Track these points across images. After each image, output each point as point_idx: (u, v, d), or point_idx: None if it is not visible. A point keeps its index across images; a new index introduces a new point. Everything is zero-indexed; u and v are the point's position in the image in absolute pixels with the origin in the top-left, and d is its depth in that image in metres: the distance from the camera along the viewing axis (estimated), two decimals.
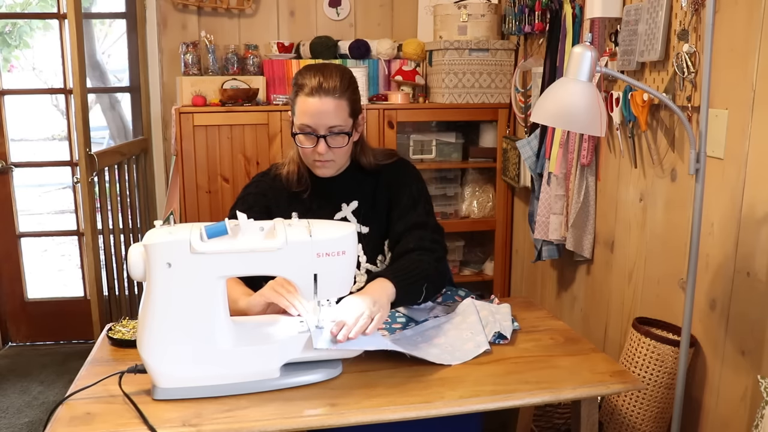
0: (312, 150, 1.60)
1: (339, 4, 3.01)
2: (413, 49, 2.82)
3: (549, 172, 2.21)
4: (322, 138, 1.57)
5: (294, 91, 1.60)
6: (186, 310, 1.19)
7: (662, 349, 1.65)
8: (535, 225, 2.31)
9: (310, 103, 1.55)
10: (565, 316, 2.38)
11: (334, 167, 1.65)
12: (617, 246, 2.02)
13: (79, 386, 1.24)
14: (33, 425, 2.48)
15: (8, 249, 3.12)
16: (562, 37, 2.13)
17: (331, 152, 1.60)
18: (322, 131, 1.57)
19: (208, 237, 1.18)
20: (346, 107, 1.58)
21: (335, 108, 1.55)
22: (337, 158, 1.63)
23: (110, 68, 5.08)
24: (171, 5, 2.90)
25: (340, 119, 1.57)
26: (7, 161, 3.02)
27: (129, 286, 2.89)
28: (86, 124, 2.45)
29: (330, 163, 1.63)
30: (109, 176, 2.67)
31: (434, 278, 1.60)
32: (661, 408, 1.68)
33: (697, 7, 1.57)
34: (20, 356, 3.09)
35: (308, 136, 1.58)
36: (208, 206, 2.63)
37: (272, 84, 2.78)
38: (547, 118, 1.36)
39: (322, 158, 1.60)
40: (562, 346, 1.44)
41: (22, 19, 6.39)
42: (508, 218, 2.88)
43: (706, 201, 1.58)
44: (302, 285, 1.26)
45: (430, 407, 1.19)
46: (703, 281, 1.63)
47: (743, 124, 1.47)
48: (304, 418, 1.15)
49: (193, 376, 1.21)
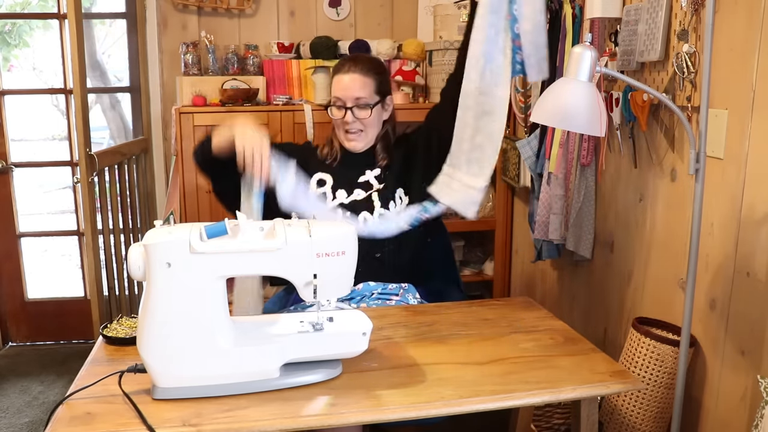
0: (341, 120, 1.82)
1: (339, 4, 3.01)
2: (413, 49, 2.82)
3: (549, 172, 2.21)
4: (349, 109, 1.80)
5: (332, 74, 1.88)
6: (186, 310, 1.19)
7: (662, 349, 1.65)
8: (535, 225, 2.31)
9: (341, 79, 1.82)
10: (565, 316, 2.38)
11: (363, 140, 1.85)
12: (617, 246, 2.02)
13: (79, 386, 1.24)
14: (33, 425, 2.48)
15: (8, 249, 3.13)
16: (562, 37, 2.13)
17: (358, 123, 1.82)
18: (349, 103, 1.81)
19: (208, 237, 1.18)
20: (372, 84, 1.83)
21: (362, 83, 1.81)
22: (366, 129, 1.84)
23: (110, 68, 5.08)
24: (171, 5, 2.90)
25: (365, 93, 1.81)
26: (7, 161, 3.03)
27: (129, 286, 2.89)
28: (86, 124, 2.45)
29: (359, 135, 1.84)
30: (109, 176, 2.67)
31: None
32: (661, 408, 1.68)
33: (697, 7, 1.57)
34: (20, 356, 3.10)
35: (339, 108, 1.82)
36: (208, 206, 2.63)
37: (272, 84, 2.78)
38: (547, 118, 1.36)
39: (351, 128, 1.82)
40: (562, 346, 1.45)
41: (22, 19, 6.39)
42: (508, 218, 2.88)
43: (706, 201, 1.58)
44: (302, 285, 1.26)
45: (430, 407, 1.19)
46: (703, 281, 1.63)
47: (743, 124, 1.47)
48: (304, 418, 1.15)
49: (193, 375, 1.21)
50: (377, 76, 1.85)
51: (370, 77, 1.83)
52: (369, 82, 1.82)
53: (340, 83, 1.82)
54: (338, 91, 1.82)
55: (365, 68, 1.83)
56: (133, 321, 1.53)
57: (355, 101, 1.80)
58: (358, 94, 1.80)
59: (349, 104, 1.81)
